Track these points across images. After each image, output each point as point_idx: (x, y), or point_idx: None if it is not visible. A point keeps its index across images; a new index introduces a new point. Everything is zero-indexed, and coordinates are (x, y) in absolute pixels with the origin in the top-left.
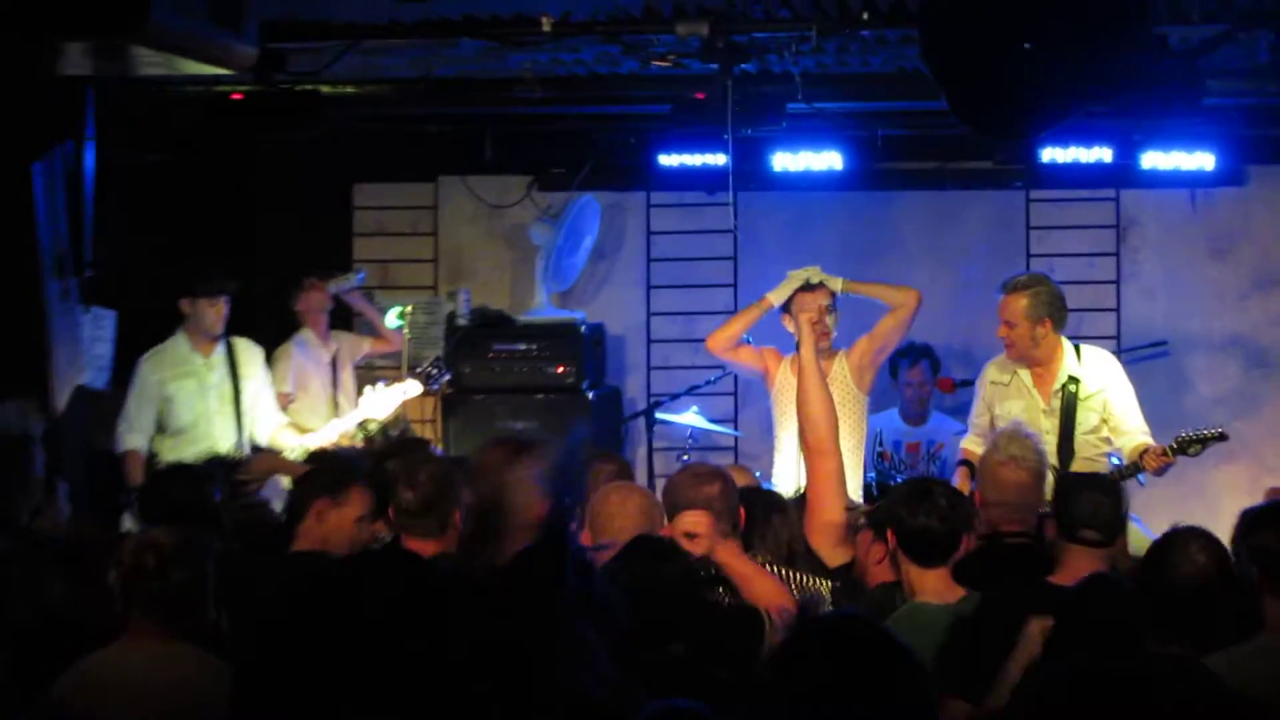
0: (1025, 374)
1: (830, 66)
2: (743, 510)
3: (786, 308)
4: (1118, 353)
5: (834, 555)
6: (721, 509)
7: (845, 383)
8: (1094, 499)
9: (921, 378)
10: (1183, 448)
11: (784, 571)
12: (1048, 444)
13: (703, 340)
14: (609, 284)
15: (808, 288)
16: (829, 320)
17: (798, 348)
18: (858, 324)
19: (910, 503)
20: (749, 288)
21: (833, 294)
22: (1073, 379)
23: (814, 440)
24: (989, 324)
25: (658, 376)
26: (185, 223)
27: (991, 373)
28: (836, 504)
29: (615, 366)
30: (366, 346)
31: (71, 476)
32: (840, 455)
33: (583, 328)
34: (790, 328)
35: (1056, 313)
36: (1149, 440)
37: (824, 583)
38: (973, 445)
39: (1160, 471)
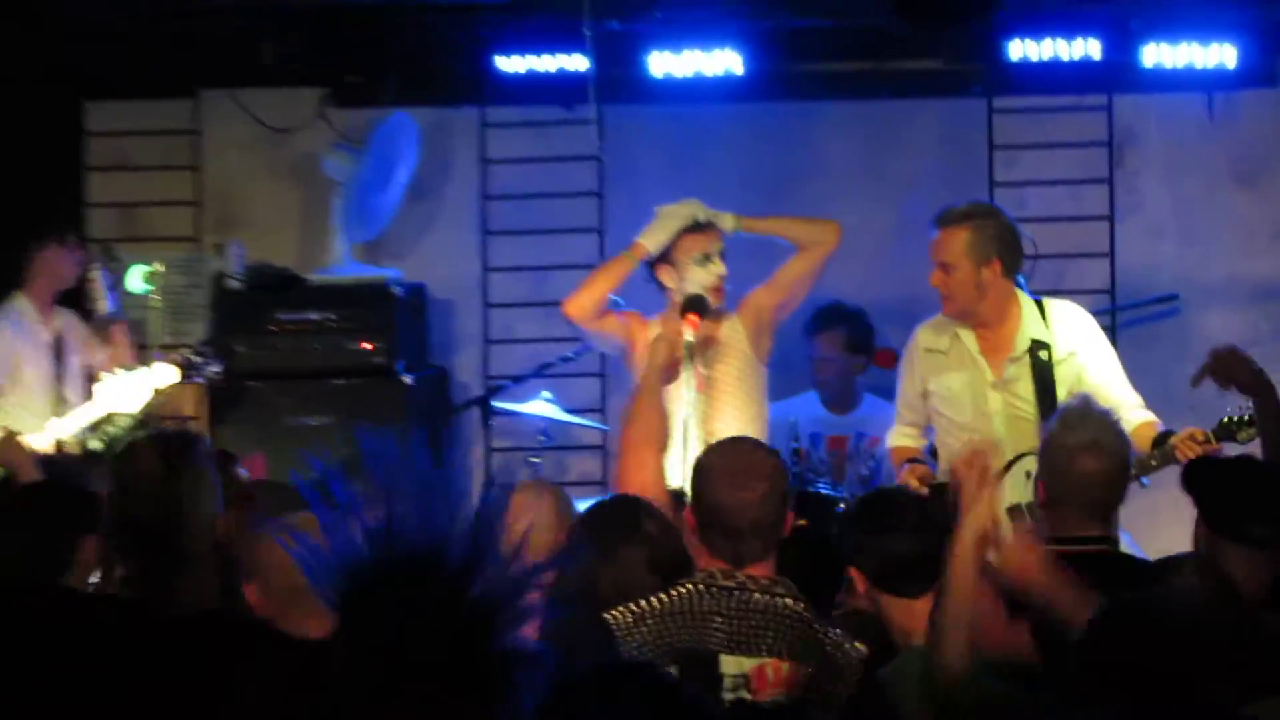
0: (968, 336)
1: None
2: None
3: (666, 257)
4: (1113, 310)
5: None
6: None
7: (740, 352)
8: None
9: (833, 349)
10: (1228, 432)
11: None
12: (995, 431)
13: (557, 304)
14: (431, 231)
15: (695, 228)
16: (718, 268)
17: (672, 305)
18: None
19: (875, 522)
20: (620, 233)
21: (723, 236)
22: (1039, 343)
23: (637, 444)
24: None
25: (498, 354)
26: None
27: (924, 337)
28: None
29: (441, 340)
30: (98, 354)
31: None
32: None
33: (396, 290)
34: (669, 281)
35: (1008, 253)
36: (1149, 415)
37: None
38: (905, 440)
39: None
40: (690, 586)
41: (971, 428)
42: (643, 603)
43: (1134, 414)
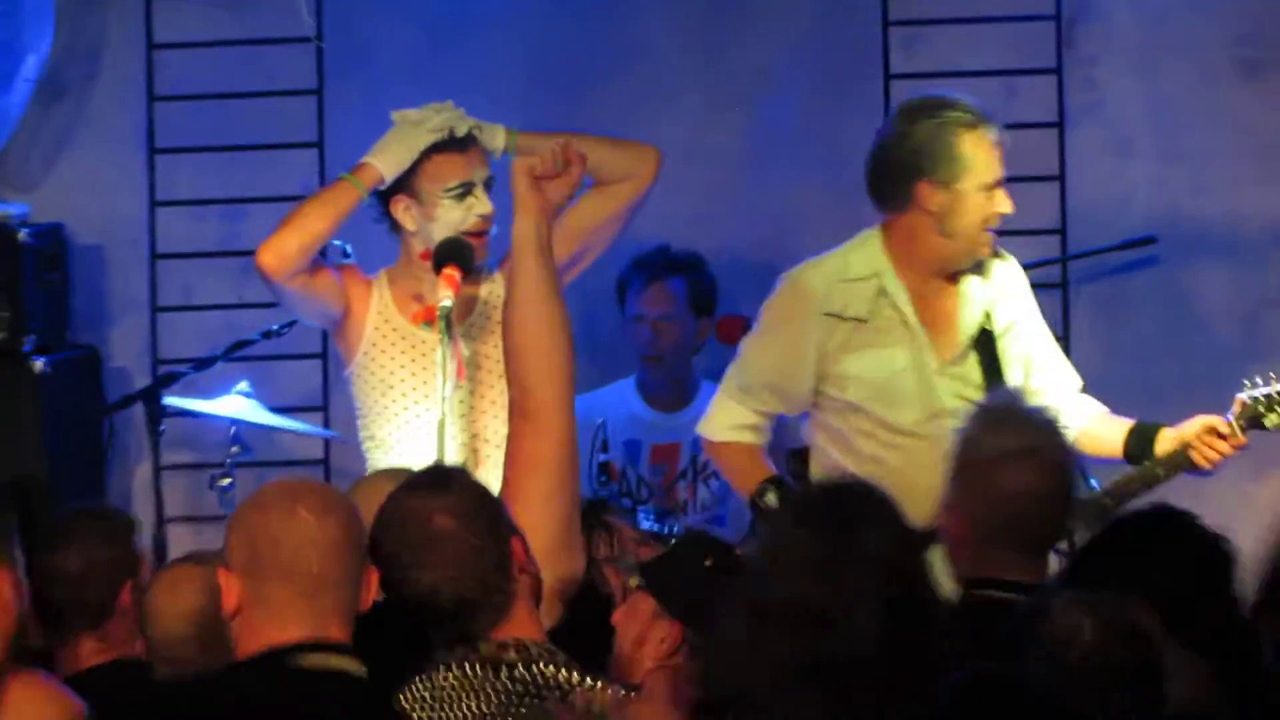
0: (903, 298)
1: None
2: None
3: (405, 186)
4: (1064, 259)
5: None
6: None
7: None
8: None
9: (667, 305)
10: (1255, 416)
11: None
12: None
13: (252, 254)
14: (74, 147)
15: (449, 146)
16: (481, 205)
17: (410, 257)
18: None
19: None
20: (346, 150)
21: (490, 159)
22: (985, 312)
23: (525, 399)
24: (810, 209)
25: (171, 326)
26: None
27: (826, 291)
28: (553, 515)
29: (88, 307)
30: None
31: None
32: (573, 432)
33: (21, 233)
34: (409, 222)
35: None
36: (1100, 406)
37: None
38: (746, 436)
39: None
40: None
41: (914, 433)
42: None
43: (1083, 406)
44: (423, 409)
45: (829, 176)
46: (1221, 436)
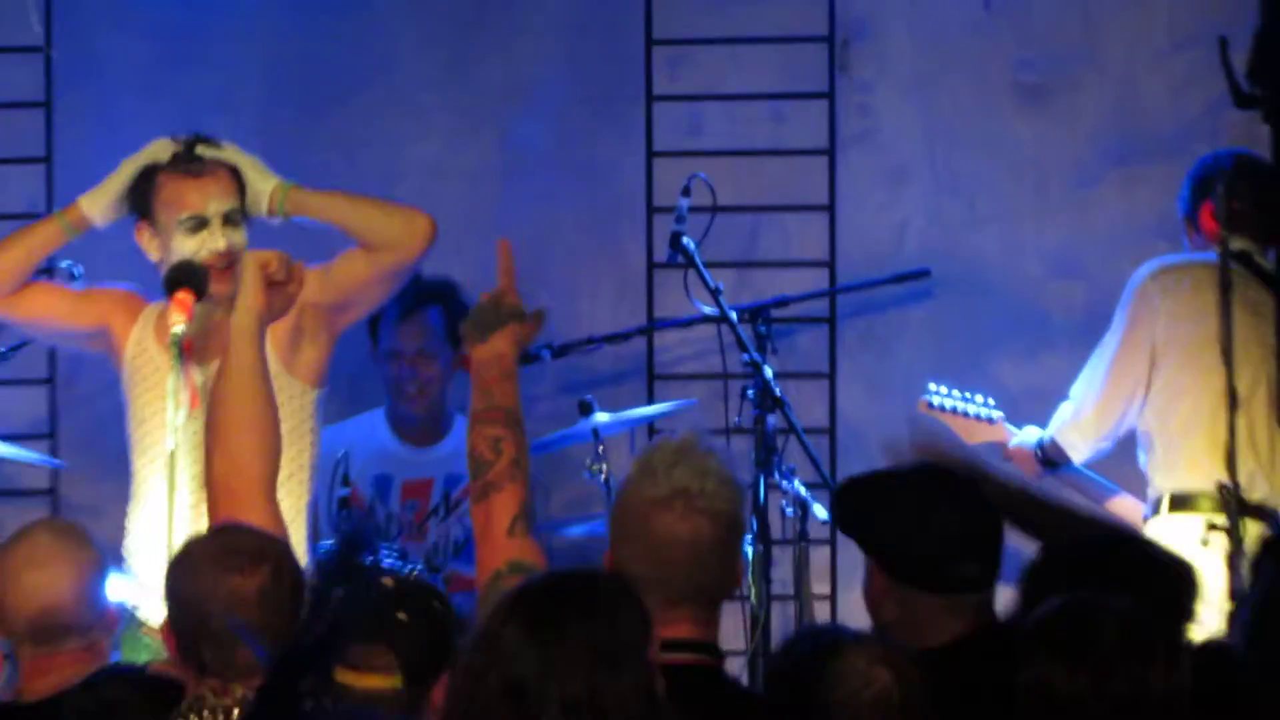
0: None
1: None
2: None
3: (146, 212)
4: (831, 293)
5: None
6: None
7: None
8: None
9: (425, 343)
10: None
11: None
12: None
13: None
14: None
15: (176, 169)
16: (216, 239)
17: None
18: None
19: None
20: (75, 162)
21: (237, 187)
22: None
23: (226, 478)
24: (567, 234)
25: None
26: None
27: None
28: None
29: None
30: None
31: None
32: (275, 515)
33: None
34: (153, 251)
35: None
36: None
37: None
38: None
39: None
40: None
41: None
42: None
43: None
44: (151, 441)
45: (584, 198)
46: None
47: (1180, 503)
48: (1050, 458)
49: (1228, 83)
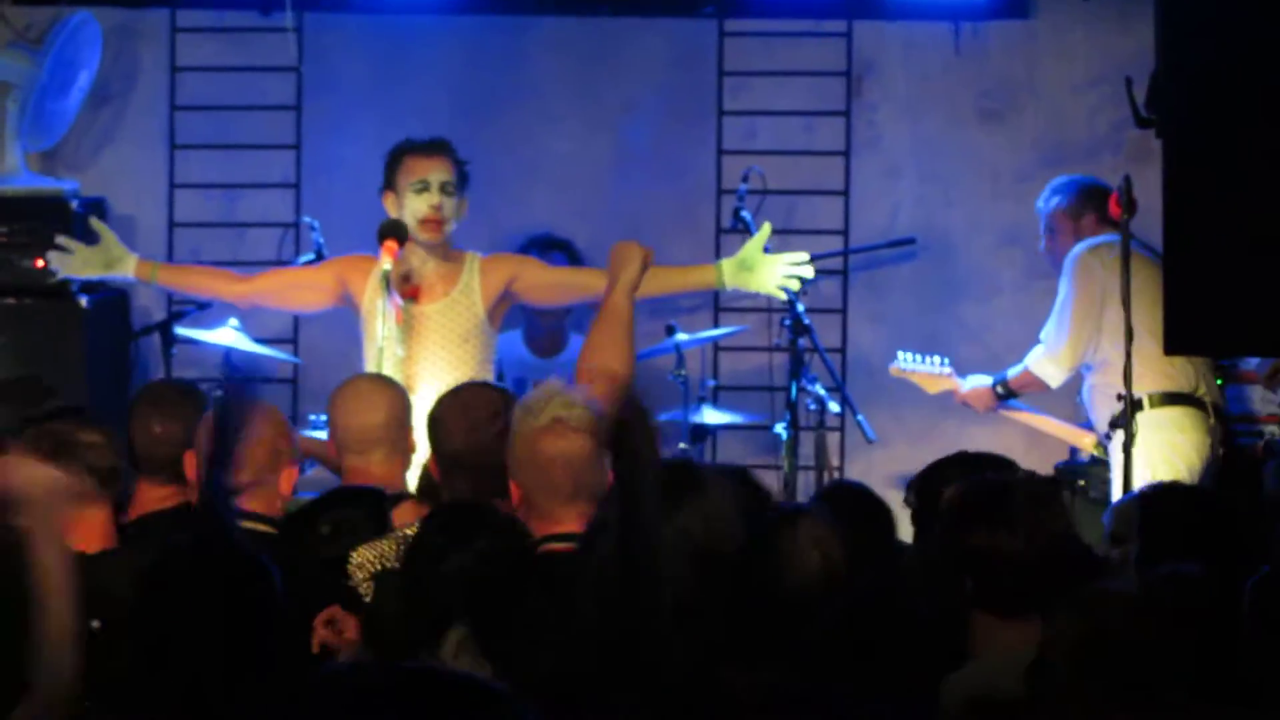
0: None
1: None
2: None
3: (391, 184)
4: (845, 253)
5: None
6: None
7: (472, 307)
8: None
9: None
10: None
11: None
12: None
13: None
14: (115, 141)
15: (416, 148)
16: (432, 197)
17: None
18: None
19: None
20: (317, 150)
21: (458, 169)
22: None
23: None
24: (659, 209)
25: None
26: None
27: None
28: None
29: None
30: None
31: None
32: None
33: (74, 203)
34: (392, 210)
35: None
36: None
37: None
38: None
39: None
40: None
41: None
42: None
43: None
44: (366, 349)
45: (672, 188)
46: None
47: (1170, 399)
48: (1011, 390)
49: (1131, 109)
